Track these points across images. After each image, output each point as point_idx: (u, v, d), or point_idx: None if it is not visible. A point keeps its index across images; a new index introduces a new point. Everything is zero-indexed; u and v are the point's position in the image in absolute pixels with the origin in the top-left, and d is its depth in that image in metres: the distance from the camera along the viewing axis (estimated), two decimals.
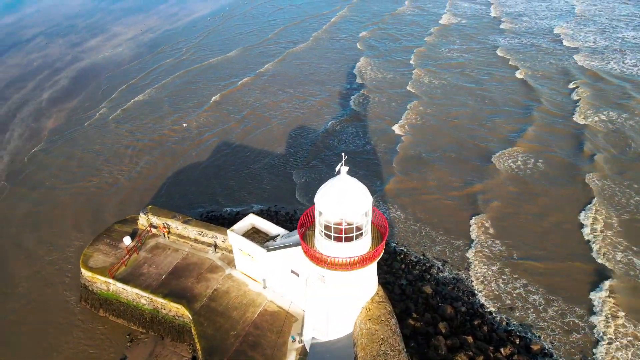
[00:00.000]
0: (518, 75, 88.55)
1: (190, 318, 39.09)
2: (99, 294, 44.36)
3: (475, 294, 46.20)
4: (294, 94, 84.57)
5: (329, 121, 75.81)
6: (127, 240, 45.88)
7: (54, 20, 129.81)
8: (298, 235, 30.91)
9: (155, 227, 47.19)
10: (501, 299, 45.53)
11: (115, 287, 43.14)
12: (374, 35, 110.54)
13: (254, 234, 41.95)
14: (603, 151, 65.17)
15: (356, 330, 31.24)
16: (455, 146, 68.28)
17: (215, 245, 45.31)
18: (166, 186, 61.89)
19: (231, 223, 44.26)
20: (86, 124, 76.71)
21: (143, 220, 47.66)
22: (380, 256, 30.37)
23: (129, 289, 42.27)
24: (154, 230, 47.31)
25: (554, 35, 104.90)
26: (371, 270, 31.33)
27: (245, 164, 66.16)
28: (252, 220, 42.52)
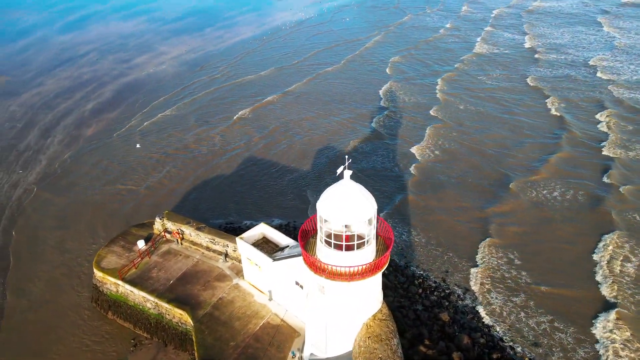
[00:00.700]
0: (549, 104, 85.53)
1: (192, 325, 38.19)
2: (109, 295, 44.34)
3: (495, 326, 42.96)
4: (319, 112, 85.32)
5: (349, 139, 75.87)
6: (141, 244, 46.04)
7: (108, 39, 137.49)
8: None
9: (169, 233, 47.15)
10: (524, 334, 42.06)
11: (123, 289, 43.01)
12: (405, 60, 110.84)
13: (264, 244, 40.97)
14: (630, 184, 61.06)
15: (355, 347, 29.29)
16: (476, 171, 66.31)
17: (226, 254, 44.60)
18: (187, 196, 62.45)
19: None
20: (115, 134, 79.62)
21: (158, 224, 47.79)
22: (384, 269, 28.51)
23: (136, 291, 42.02)
24: (168, 235, 47.27)
25: (590, 67, 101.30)
26: (374, 284, 29.47)
27: (268, 178, 66.00)
28: (263, 229, 41.65)
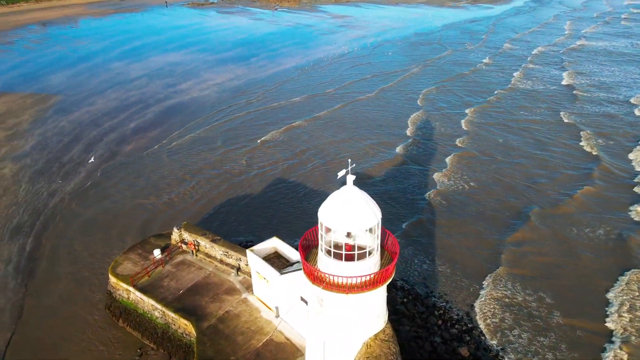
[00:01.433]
0: (582, 139, 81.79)
1: (195, 336, 37.18)
2: (120, 302, 44.28)
3: None
4: (345, 138, 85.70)
5: (372, 164, 75.22)
6: (157, 253, 46.04)
7: (159, 66, 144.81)
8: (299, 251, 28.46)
9: (185, 244, 47.02)
10: None
11: (134, 296, 42.82)
12: (438, 91, 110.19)
13: (275, 259, 39.85)
14: None
15: None
16: (500, 201, 63.76)
17: (239, 268, 43.75)
18: (210, 212, 62.81)
19: None
20: (145, 152, 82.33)
21: (176, 235, 47.83)
22: (386, 283, 26.64)
23: (145, 299, 41.70)
24: (184, 246, 47.15)
25: (630, 105, 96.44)
26: (375, 300, 27.54)
27: (288, 199, 65.59)
28: (275, 244, 40.64)
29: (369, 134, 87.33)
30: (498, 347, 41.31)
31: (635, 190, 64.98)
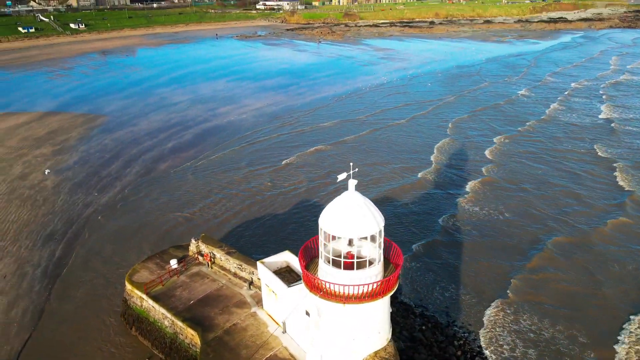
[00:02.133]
0: (616, 171, 77.68)
1: (200, 347, 36.54)
2: (134, 309, 44.46)
3: None
4: (368, 161, 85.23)
5: (393, 187, 74.29)
6: (173, 262, 46.27)
7: (201, 92, 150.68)
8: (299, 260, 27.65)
9: (201, 255, 47.06)
10: None
11: (147, 304, 42.91)
12: (469, 120, 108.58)
13: (286, 273, 39.01)
14: None
15: None
16: (524, 229, 60.78)
17: (251, 282, 43.18)
18: (229, 227, 63.36)
19: None
20: (172, 171, 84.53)
21: (193, 246, 48.04)
22: (386, 295, 25.23)
23: (157, 307, 41.67)
24: (200, 258, 47.19)
25: None
26: (376, 314, 26.09)
27: (310, 219, 64.70)
28: (287, 257, 39.90)
29: (394, 158, 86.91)
30: None
31: None
